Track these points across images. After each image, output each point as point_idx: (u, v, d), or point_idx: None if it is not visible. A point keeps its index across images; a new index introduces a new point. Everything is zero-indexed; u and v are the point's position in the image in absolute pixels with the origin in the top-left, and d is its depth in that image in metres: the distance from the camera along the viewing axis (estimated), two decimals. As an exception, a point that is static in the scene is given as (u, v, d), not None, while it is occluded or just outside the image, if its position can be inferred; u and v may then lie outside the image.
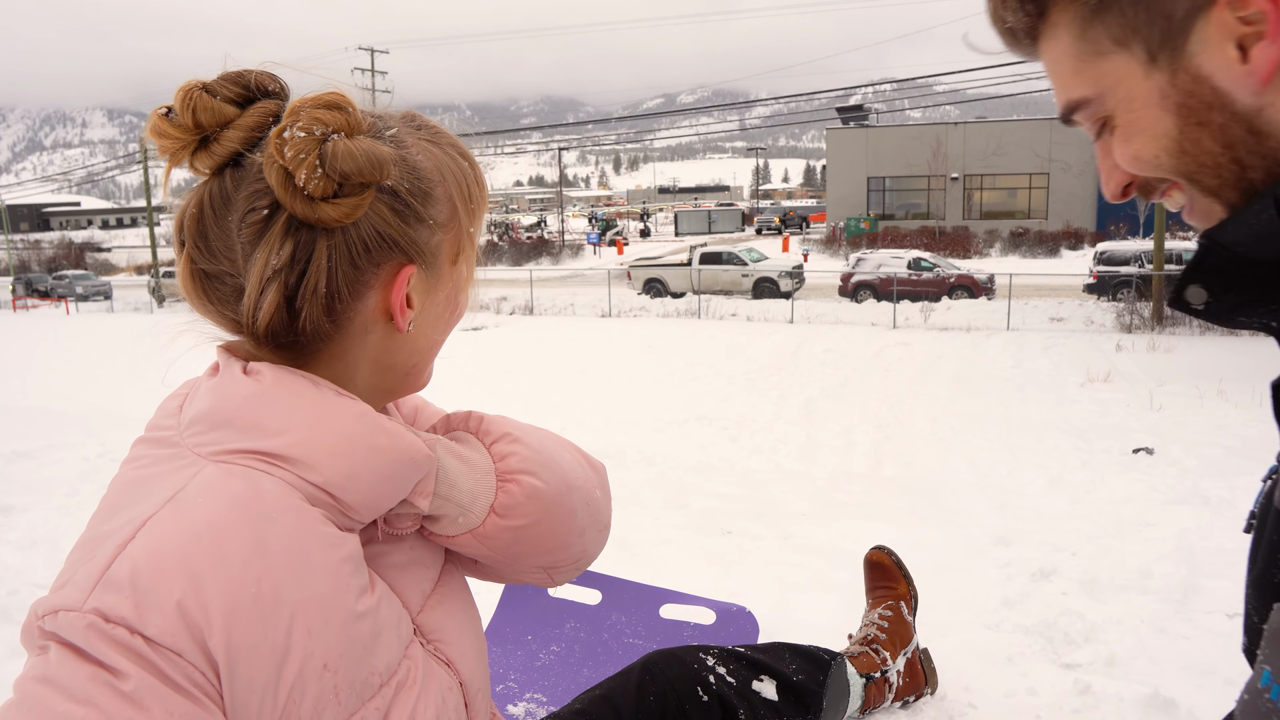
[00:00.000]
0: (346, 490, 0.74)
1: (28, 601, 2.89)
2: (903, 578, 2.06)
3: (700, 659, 1.37)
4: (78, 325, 23.82)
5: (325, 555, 0.72)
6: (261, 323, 0.75)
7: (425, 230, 0.79)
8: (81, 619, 0.64)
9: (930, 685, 2.00)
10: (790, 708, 1.41)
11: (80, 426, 6.23)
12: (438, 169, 0.81)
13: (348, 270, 0.75)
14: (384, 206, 0.76)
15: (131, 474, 0.78)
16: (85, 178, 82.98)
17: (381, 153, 0.74)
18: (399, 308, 0.79)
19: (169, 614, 0.64)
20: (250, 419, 0.74)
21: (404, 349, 0.83)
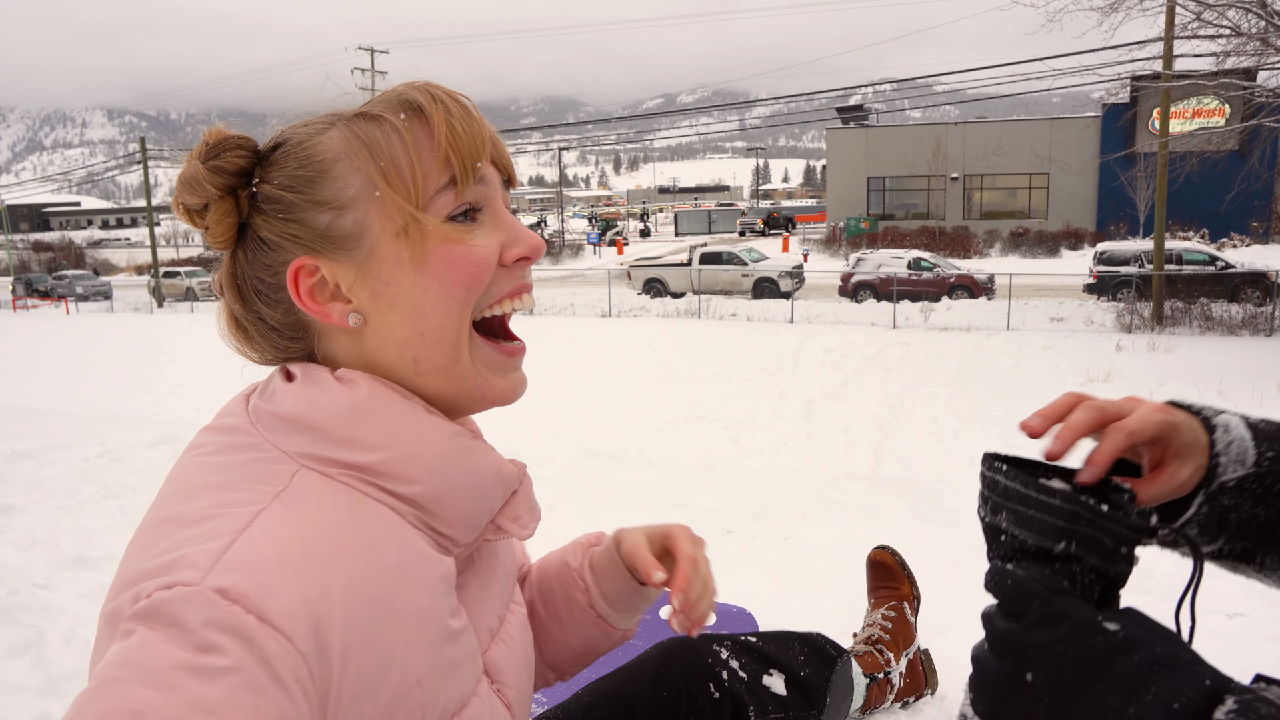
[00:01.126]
0: (441, 505, 0.75)
1: (27, 602, 2.89)
2: (906, 578, 2.05)
3: (714, 652, 1.36)
4: (78, 325, 23.82)
5: (426, 571, 0.74)
6: (233, 345, 0.83)
7: (324, 214, 0.75)
8: (199, 594, 0.61)
9: (930, 686, 2.00)
10: (797, 704, 1.40)
11: (80, 426, 6.23)
12: (343, 146, 0.75)
13: (257, 282, 0.79)
14: (257, 214, 0.77)
15: (201, 459, 0.74)
16: (85, 178, 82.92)
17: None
18: (305, 304, 0.76)
19: (293, 598, 0.63)
20: (345, 431, 0.73)
21: (393, 336, 0.76)
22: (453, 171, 0.76)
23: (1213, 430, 0.75)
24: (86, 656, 2.53)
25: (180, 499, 0.70)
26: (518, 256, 0.80)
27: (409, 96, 0.76)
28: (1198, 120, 30.56)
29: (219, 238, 0.78)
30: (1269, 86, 13.95)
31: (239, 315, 0.81)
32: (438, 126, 0.75)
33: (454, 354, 0.78)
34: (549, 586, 1.07)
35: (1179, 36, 13.98)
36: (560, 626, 1.06)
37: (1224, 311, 16.05)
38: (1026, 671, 0.60)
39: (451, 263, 0.75)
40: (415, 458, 0.74)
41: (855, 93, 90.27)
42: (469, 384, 0.79)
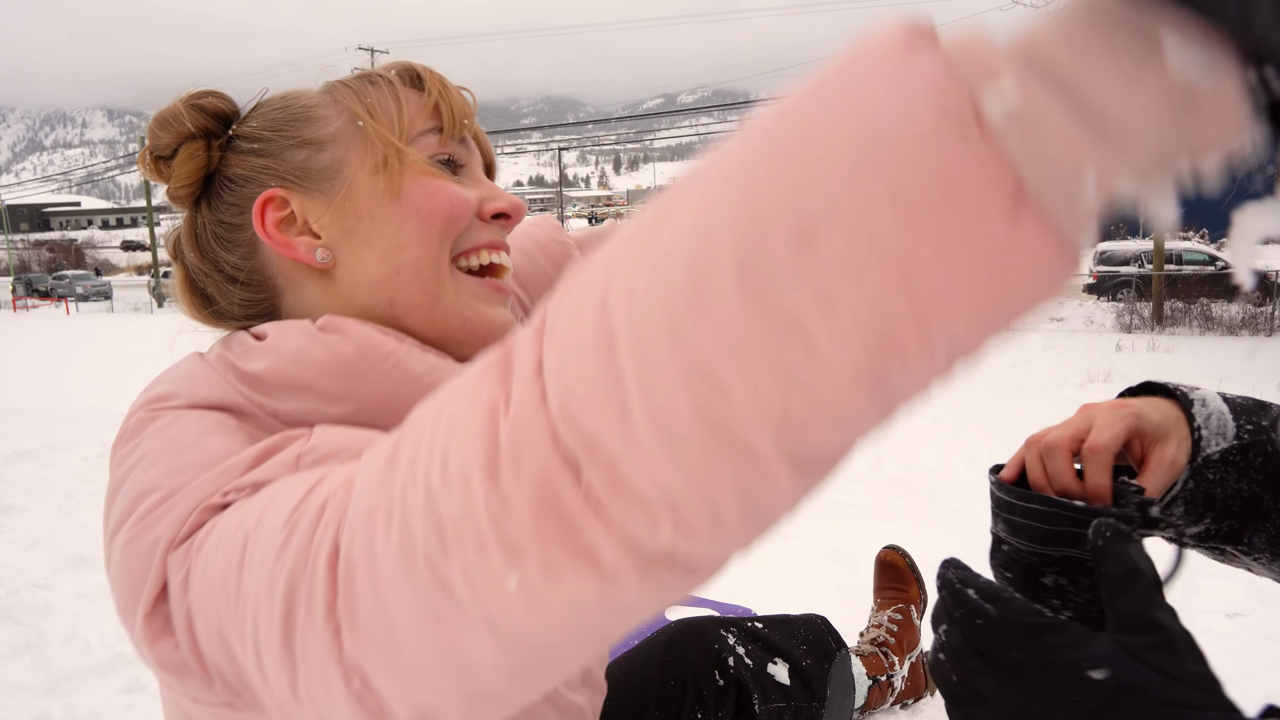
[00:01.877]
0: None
1: (27, 602, 2.89)
2: (915, 581, 2.04)
3: (721, 637, 1.36)
4: (78, 325, 23.83)
5: None
6: (185, 309, 0.81)
7: (301, 150, 0.73)
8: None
9: (930, 689, 2.00)
10: (799, 694, 1.41)
11: (80, 426, 6.23)
12: (329, 96, 0.76)
13: (218, 227, 0.76)
14: (230, 154, 0.76)
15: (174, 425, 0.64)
16: (85, 178, 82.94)
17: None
18: (270, 235, 0.73)
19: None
20: (341, 388, 0.67)
21: (366, 276, 0.72)
22: (440, 121, 0.75)
23: (1190, 405, 0.74)
24: (86, 656, 2.53)
25: (167, 453, 0.60)
26: (496, 210, 0.78)
27: (403, 63, 0.78)
28: (1198, 120, 30.56)
29: (183, 181, 0.75)
30: (1269, 86, 13.97)
31: (194, 270, 0.78)
32: (431, 83, 0.76)
33: (435, 292, 0.73)
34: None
35: (1179, 36, 13.99)
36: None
37: (1224, 311, 16.07)
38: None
39: (429, 193, 0.73)
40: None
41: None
42: (455, 321, 0.75)
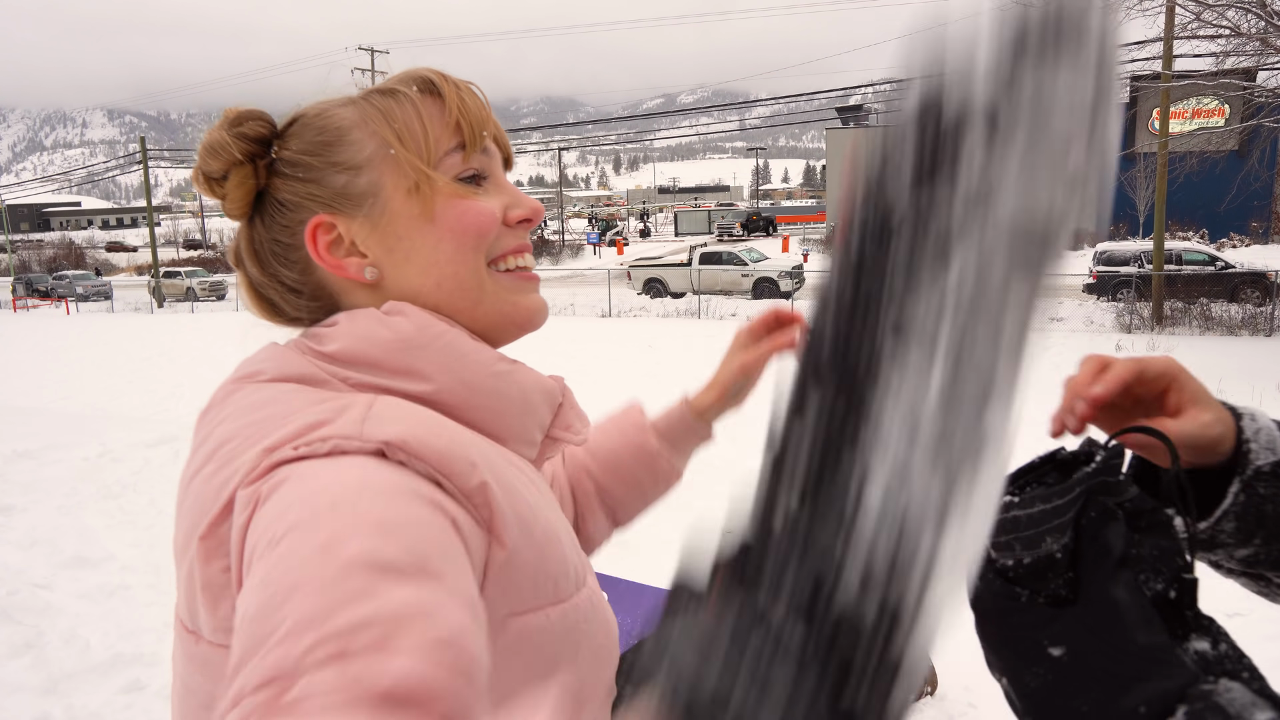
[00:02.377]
0: (496, 426, 0.79)
1: (27, 601, 2.89)
2: None
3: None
4: (78, 325, 23.83)
5: (513, 468, 0.77)
6: (255, 312, 0.87)
7: (340, 175, 0.80)
8: (363, 446, 0.61)
9: (930, 683, 2.00)
10: None
11: (80, 426, 6.23)
12: (358, 115, 0.81)
13: (274, 245, 0.83)
14: (276, 178, 0.82)
15: (261, 386, 0.73)
16: (85, 178, 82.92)
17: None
18: (322, 259, 0.80)
19: (446, 446, 0.65)
20: (402, 363, 0.75)
21: (410, 288, 0.80)
22: (461, 137, 0.81)
23: (1239, 417, 0.73)
24: (86, 656, 2.53)
25: (255, 410, 0.68)
26: (520, 217, 0.85)
27: (421, 74, 0.83)
28: (1197, 120, 30.56)
29: (237, 203, 0.82)
30: (1269, 86, 13.96)
31: (257, 282, 0.86)
32: (449, 97, 0.81)
33: (474, 297, 0.82)
34: (626, 469, 1.19)
35: (1179, 36, 13.98)
36: (643, 494, 1.20)
37: (1224, 311, 16.07)
38: (1000, 674, 0.63)
39: (460, 213, 0.80)
40: (467, 383, 0.77)
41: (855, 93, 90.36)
42: (494, 315, 0.84)
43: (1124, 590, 0.59)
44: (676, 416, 1.21)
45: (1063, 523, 0.62)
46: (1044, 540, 0.62)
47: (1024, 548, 0.62)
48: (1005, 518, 0.63)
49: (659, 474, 1.19)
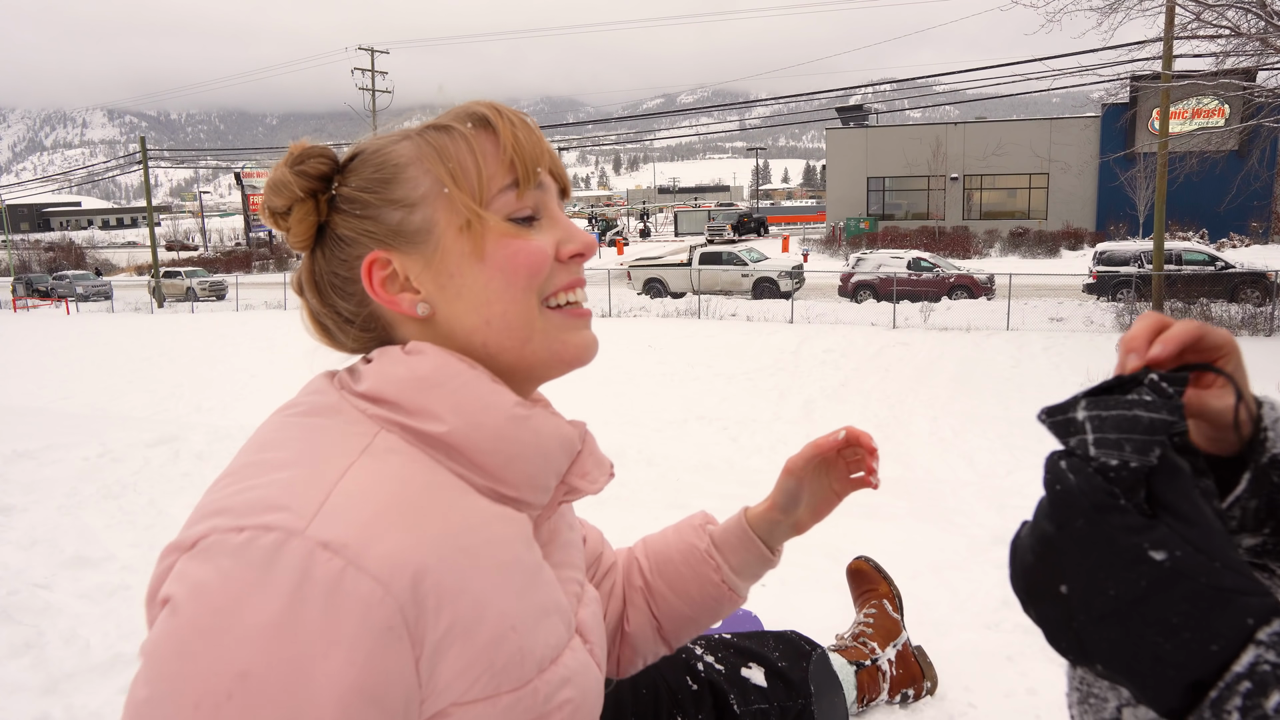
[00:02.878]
0: (507, 471, 0.79)
1: (27, 602, 2.89)
2: (882, 579, 2.10)
3: (689, 649, 1.39)
4: (78, 325, 23.82)
5: (505, 529, 0.78)
6: (315, 338, 0.90)
7: (396, 212, 0.82)
8: (303, 544, 0.64)
9: (929, 680, 2.00)
10: (780, 693, 1.42)
11: (80, 426, 6.23)
12: (414, 152, 0.83)
13: (333, 277, 0.86)
14: (335, 214, 0.85)
15: (287, 419, 0.79)
16: (85, 178, 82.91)
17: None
18: (377, 294, 0.82)
19: (390, 547, 0.67)
20: (417, 403, 0.77)
21: (461, 324, 0.82)
22: (515, 175, 0.82)
23: (1260, 405, 0.72)
24: (86, 656, 2.53)
25: (263, 449, 0.75)
26: (573, 253, 0.86)
27: (476, 110, 0.84)
28: (1197, 120, 30.54)
29: (300, 237, 0.85)
30: (1269, 86, 13.95)
31: (316, 311, 0.88)
32: (504, 134, 0.82)
33: (524, 335, 0.83)
34: (674, 569, 1.15)
35: (1179, 37, 13.98)
36: (690, 604, 1.14)
37: (1224, 311, 16.06)
38: (1062, 583, 0.58)
39: (510, 254, 0.81)
40: (481, 426, 0.78)
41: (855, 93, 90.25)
42: (543, 353, 0.85)
43: (1210, 509, 0.58)
44: (732, 524, 1.17)
45: (1169, 436, 0.59)
46: (1153, 449, 0.59)
47: (1134, 450, 0.59)
48: (1125, 415, 0.60)
49: (707, 582, 1.13)
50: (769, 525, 1.13)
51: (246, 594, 0.62)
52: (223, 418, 9.25)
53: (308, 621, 0.62)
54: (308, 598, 0.63)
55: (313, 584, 0.63)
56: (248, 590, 0.63)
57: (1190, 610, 0.53)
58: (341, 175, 0.85)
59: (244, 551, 0.64)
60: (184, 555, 0.67)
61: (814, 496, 1.13)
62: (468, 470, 0.78)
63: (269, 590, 0.62)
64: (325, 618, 0.63)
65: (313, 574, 0.63)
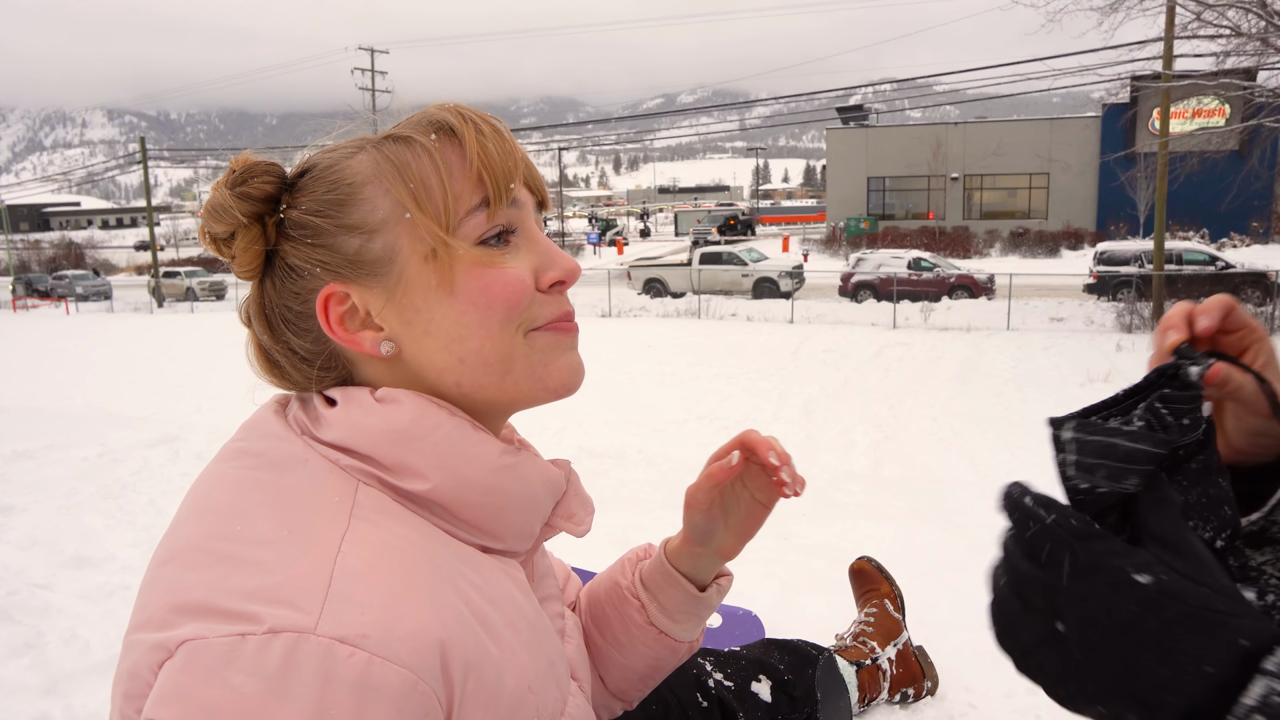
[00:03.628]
0: (496, 524, 0.74)
1: (27, 602, 2.89)
2: (884, 579, 2.10)
3: (699, 664, 1.38)
4: (78, 325, 23.82)
5: (504, 582, 0.74)
6: (262, 376, 0.80)
7: (353, 239, 0.72)
8: (318, 645, 0.57)
9: (930, 679, 2.00)
10: (784, 707, 1.41)
11: (80, 426, 6.22)
12: (372, 169, 0.73)
13: (285, 310, 0.76)
14: (285, 240, 0.75)
15: (244, 474, 0.70)
16: (85, 178, 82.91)
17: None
18: (335, 332, 0.73)
19: (411, 627, 0.61)
20: (395, 459, 0.70)
21: (431, 363, 0.74)
22: (485, 192, 0.73)
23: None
24: (86, 656, 2.53)
25: (233, 517, 0.66)
26: (553, 280, 0.77)
27: (439, 117, 0.74)
28: (1198, 120, 30.54)
29: (246, 266, 0.76)
30: (1269, 86, 13.95)
31: (268, 346, 0.78)
32: (470, 146, 0.73)
33: (502, 369, 0.75)
34: (601, 611, 1.02)
35: (1179, 36, 13.98)
36: (621, 650, 1.00)
37: (1224, 311, 16.03)
38: (1057, 621, 0.57)
39: (486, 285, 0.73)
40: (466, 481, 0.72)
41: (855, 93, 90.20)
42: (526, 383, 0.76)
43: (1197, 539, 0.58)
44: (654, 560, 1.00)
45: (1152, 469, 0.59)
46: (1128, 477, 0.59)
47: (1106, 477, 0.59)
48: (1105, 442, 0.59)
49: (633, 624, 0.99)
50: (690, 560, 0.97)
51: (263, 713, 0.55)
52: (223, 418, 9.25)
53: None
54: (335, 704, 0.56)
55: (338, 687, 0.56)
56: (266, 708, 0.55)
57: (1183, 633, 0.52)
58: (290, 195, 0.75)
59: (253, 663, 0.56)
60: (170, 664, 0.59)
61: (734, 518, 0.95)
62: (453, 526, 0.73)
63: (291, 705, 0.55)
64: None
65: (336, 675, 0.57)
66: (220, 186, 0.74)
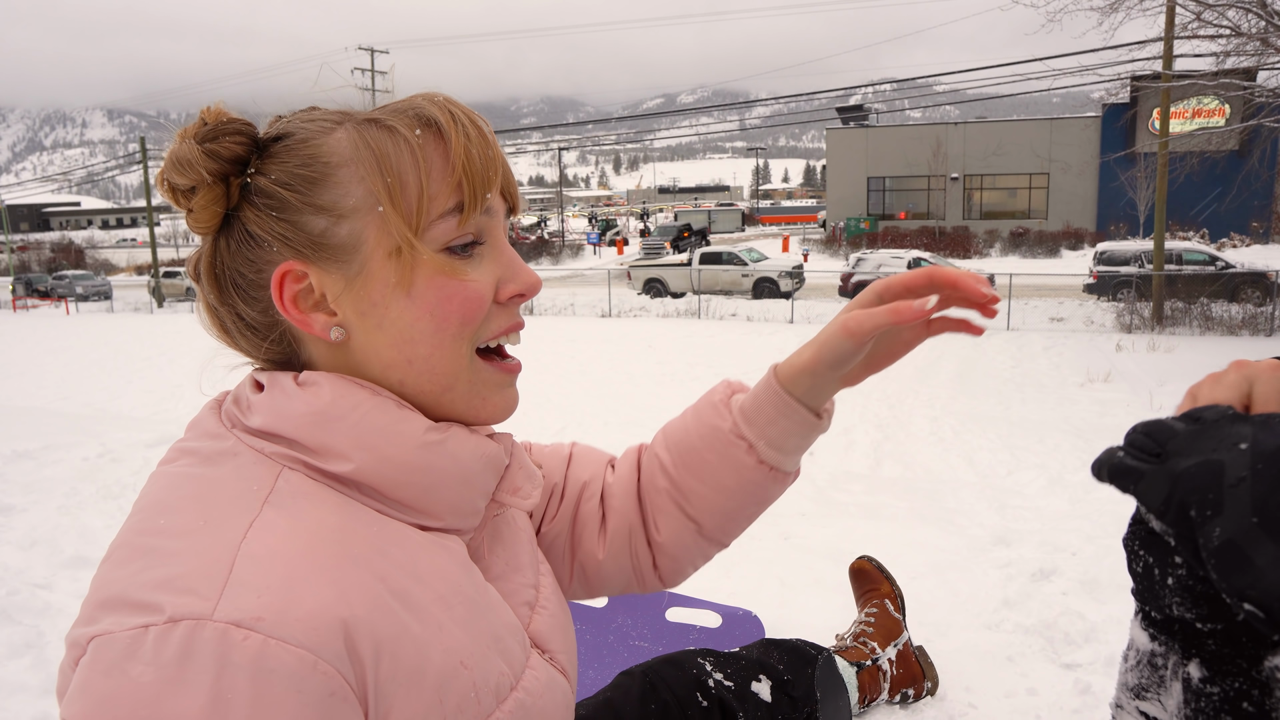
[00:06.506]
0: (427, 502, 0.73)
1: (27, 602, 2.89)
2: (885, 579, 2.10)
3: (699, 664, 1.38)
4: (78, 325, 23.82)
5: (436, 558, 0.72)
6: (212, 334, 0.78)
7: (320, 219, 0.71)
8: (213, 630, 0.57)
9: (930, 679, 2.00)
10: (783, 708, 1.42)
11: (80, 426, 6.22)
12: (351, 151, 0.71)
13: (237, 275, 0.74)
14: (248, 206, 0.73)
15: (179, 470, 0.71)
16: (85, 178, 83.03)
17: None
18: (287, 310, 0.72)
19: (310, 608, 0.60)
20: (317, 441, 0.70)
21: (379, 357, 0.73)
22: (461, 198, 0.72)
23: None
24: (86, 656, 2.53)
25: (159, 512, 0.67)
26: (512, 294, 0.77)
27: (428, 112, 0.73)
28: (1198, 120, 30.56)
29: (202, 223, 0.73)
30: (1269, 86, 13.95)
31: (215, 307, 0.77)
32: (455, 150, 0.72)
33: (446, 384, 0.75)
34: (700, 460, 0.95)
35: (1179, 36, 13.98)
36: (728, 495, 0.94)
37: (1224, 311, 16.05)
38: (1240, 441, 0.53)
39: (445, 296, 0.72)
40: (390, 460, 0.71)
41: (855, 93, 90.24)
42: (461, 405, 0.76)
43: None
44: (762, 391, 0.92)
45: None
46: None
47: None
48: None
49: (743, 467, 0.93)
50: (810, 383, 0.89)
51: (160, 702, 0.55)
52: (223, 418, 9.24)
53: (237, 713, 0.56)
54: (232, 688, 0.56)
55: (233, 671, 0.56)
56: (163, 697, 0.55)
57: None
58: (260, 160, 0.73)
59: (152, 653, 0.57)
60: (81, 660, 0.59)
61: (877, 349, 0.89)
62: (385, 505, 0.72)
63: (186, 692, 0.55)
64: (256, 705, 0.56)
65: (231, 660, 0.56)
66: (188, 138, 0.72)
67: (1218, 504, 0.53)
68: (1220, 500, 0.52)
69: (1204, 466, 0.54)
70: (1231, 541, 0.52)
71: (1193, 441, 0.56)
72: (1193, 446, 0.55)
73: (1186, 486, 0.54)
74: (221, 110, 0.74)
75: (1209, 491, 0.53)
